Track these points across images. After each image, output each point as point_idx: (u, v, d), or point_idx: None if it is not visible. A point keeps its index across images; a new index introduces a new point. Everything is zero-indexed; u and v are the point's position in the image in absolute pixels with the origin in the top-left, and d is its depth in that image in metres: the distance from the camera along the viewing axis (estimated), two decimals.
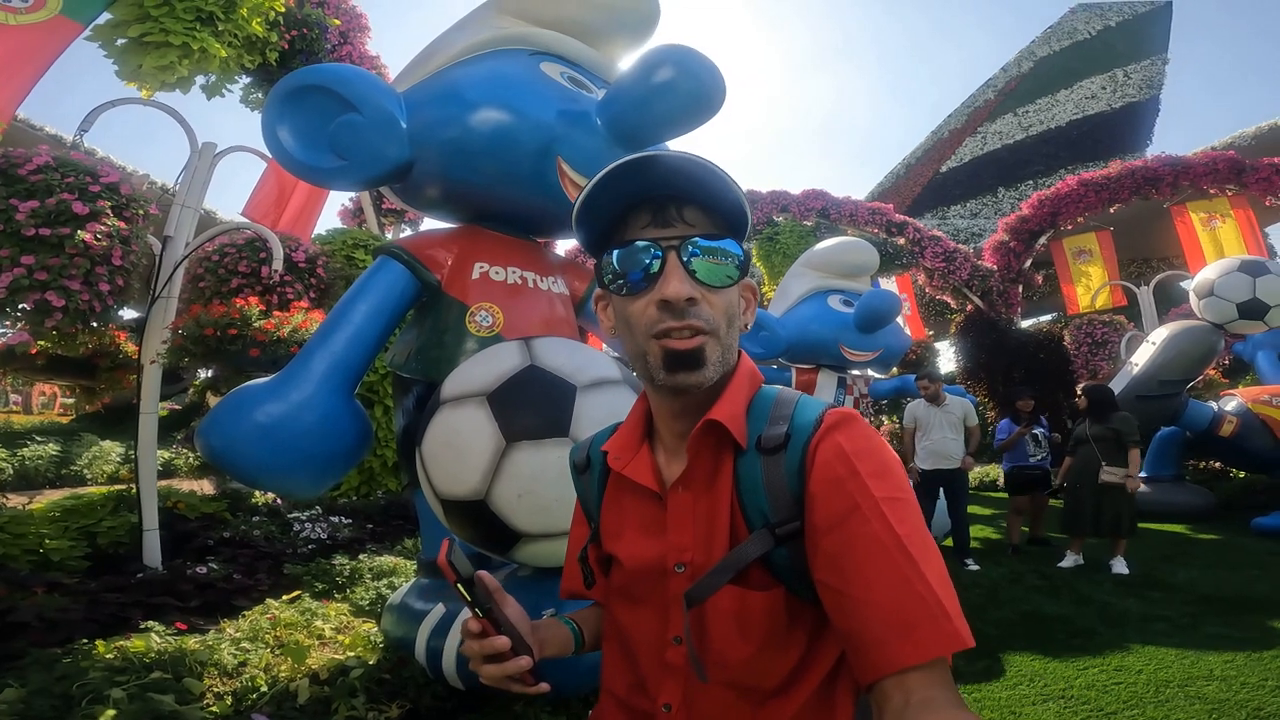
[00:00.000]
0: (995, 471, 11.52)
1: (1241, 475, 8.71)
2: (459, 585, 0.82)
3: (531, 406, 1.99)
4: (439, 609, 2.29)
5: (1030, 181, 21.09)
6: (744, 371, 0.92)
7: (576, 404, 2.00)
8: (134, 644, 2.40)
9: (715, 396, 0.88)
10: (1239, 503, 7.87)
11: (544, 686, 0.87)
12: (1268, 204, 10.42)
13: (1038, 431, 6.75)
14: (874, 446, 0.82)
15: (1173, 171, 10.80)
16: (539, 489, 1.90)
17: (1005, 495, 7.21)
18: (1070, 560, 5.68)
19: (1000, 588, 4.95)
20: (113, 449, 8.82)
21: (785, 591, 0.82)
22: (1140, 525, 6.68)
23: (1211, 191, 10.74)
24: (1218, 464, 9.04)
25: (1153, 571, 5.35)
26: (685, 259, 0.83)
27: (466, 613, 2.06)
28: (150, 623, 2.67)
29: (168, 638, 2.53)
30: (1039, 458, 6.69)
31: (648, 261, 0.83)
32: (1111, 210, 11.47)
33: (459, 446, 1.96)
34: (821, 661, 0.84)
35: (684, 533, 0.87)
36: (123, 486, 4.81)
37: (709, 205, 0.85)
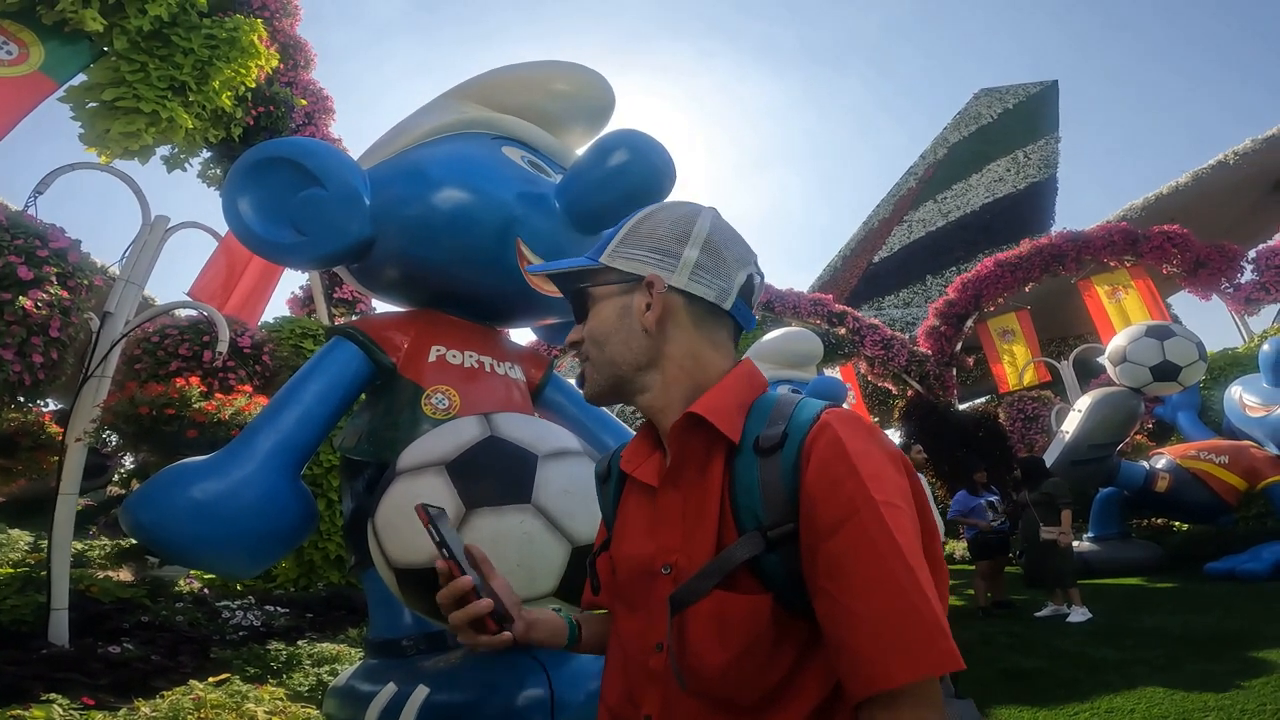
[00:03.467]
0: (952, 545, 11.67)
1: (1185, 528, 9.14)
2: (431, 527, 0.89)
3: (492, 474, 1.97)
4: (389, 689, 2.16)
5: (954, 268, 22.33)
6: (738, 373, 0.94)
7: (538, 472, 2.00)
8: (33, 714, 2.18)
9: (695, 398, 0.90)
10: (1187, 553, 8.27)
11: (506, 636, 0.89)
12: (1164, 272, 11.37)
13: (993, 499, 7.22)
14: (873, 447, 0.81)
15: (1075, 246, 11.76)
16: (498, 556, 1.82)
17: (964, 567, 7.43)
18: (1050, 610, 6.12)
19: (973, 649, 4.99)
20: (20, 538, 8.14)
21: (772, 600, 0.80)
22: (1096, 581, 7.06)
23: (1112, 264, 11.71)
24: (1160, 520, 9.48)
25: (1120, 620, 5.52)
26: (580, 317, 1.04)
27: (422, 691, 2.02)
28: (53, 695, 2.43)
29: (71, 711, 2.31)
30: (998, 524, 7.13)
31: None
32: (1027, 289, 12.34)
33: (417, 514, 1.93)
34: (811, 687, 0.79)
35: (672, 533, 0.87)
36: (30, 569, 4.45)
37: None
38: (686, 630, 0.82)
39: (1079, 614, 5.73)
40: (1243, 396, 8.24)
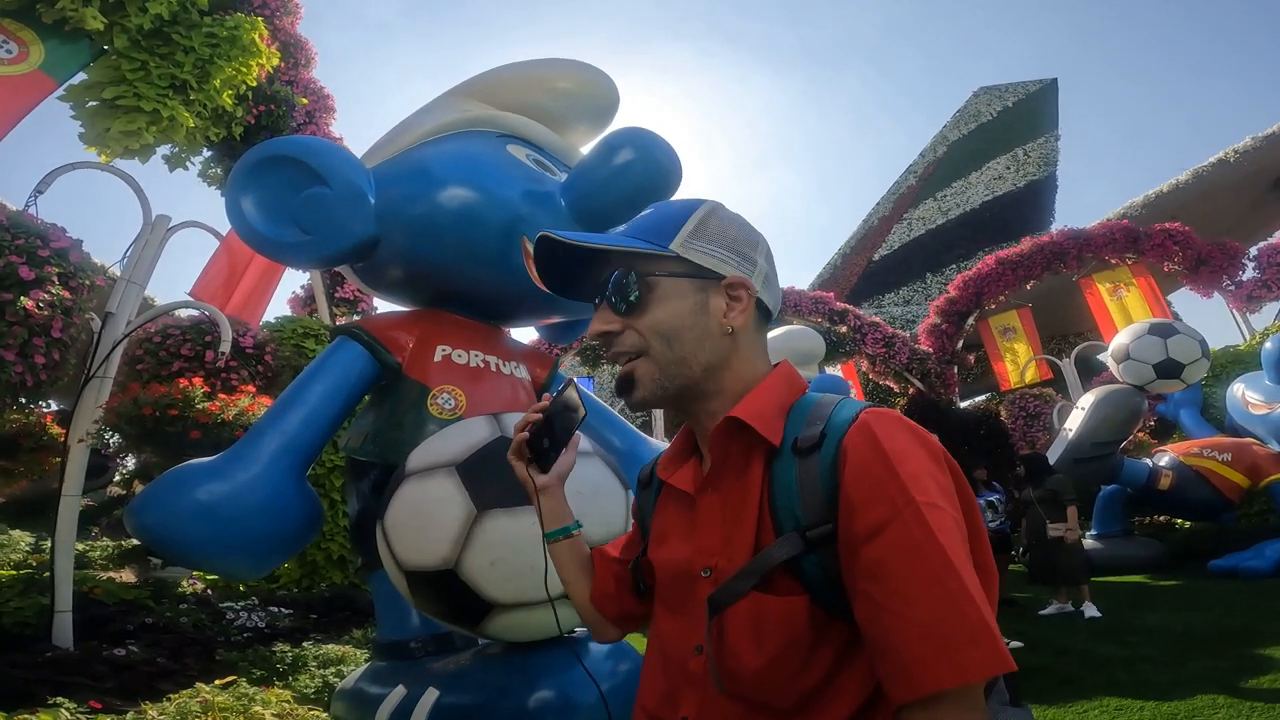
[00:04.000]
0: None
1: (1187, 525, 9.14)
2: (572, 385, 1.09)
3: (504, 475, 1.94)
4: (399, 691, 2.15)
5: (954, 265, 22.32)
6: (778, 375, 0.94)
7: None
8: (40, 718, 2.19)
9: (736, 401, 0.90)
10: (1190, 550, 8.25)
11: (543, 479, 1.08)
12: (1166, 269, 11.35)
13: (994, 498, 7.03)
14: (914, 446, 0.79)
15: (1076, 244, 11.75)
16: (511, 557, 1.85)
17: None
18: (1054, 608, 6.07)
19: None
20: (22, 539, 8.16)
21: (809, 601, 0.79)
22: (1100, 578, 6.96)
23: (1113, 261, 11.69)
24: (1162, 517, 9.49)
25: (1124, 618, 5.51)
26: (605, 300, 0.95)
27: (433, 694, 2.05)
28: (59, 699, 2.43)
29: (79, 715, 2.32)
30: (997, 524, 6.90)
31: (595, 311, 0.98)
32: (1028, 287, 12.32)
33: (428, 515, 1.91)
34: (850, 691, 0.78)
35: (712, 536, 0.87)
36: (32, 570, 4.44)
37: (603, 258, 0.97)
38: (724, 632, 0.82)
39: (1091, 609, 5.72)
40: (1245, 394, 8.23)
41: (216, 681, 2.96)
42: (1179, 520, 9.28)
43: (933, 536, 0.71)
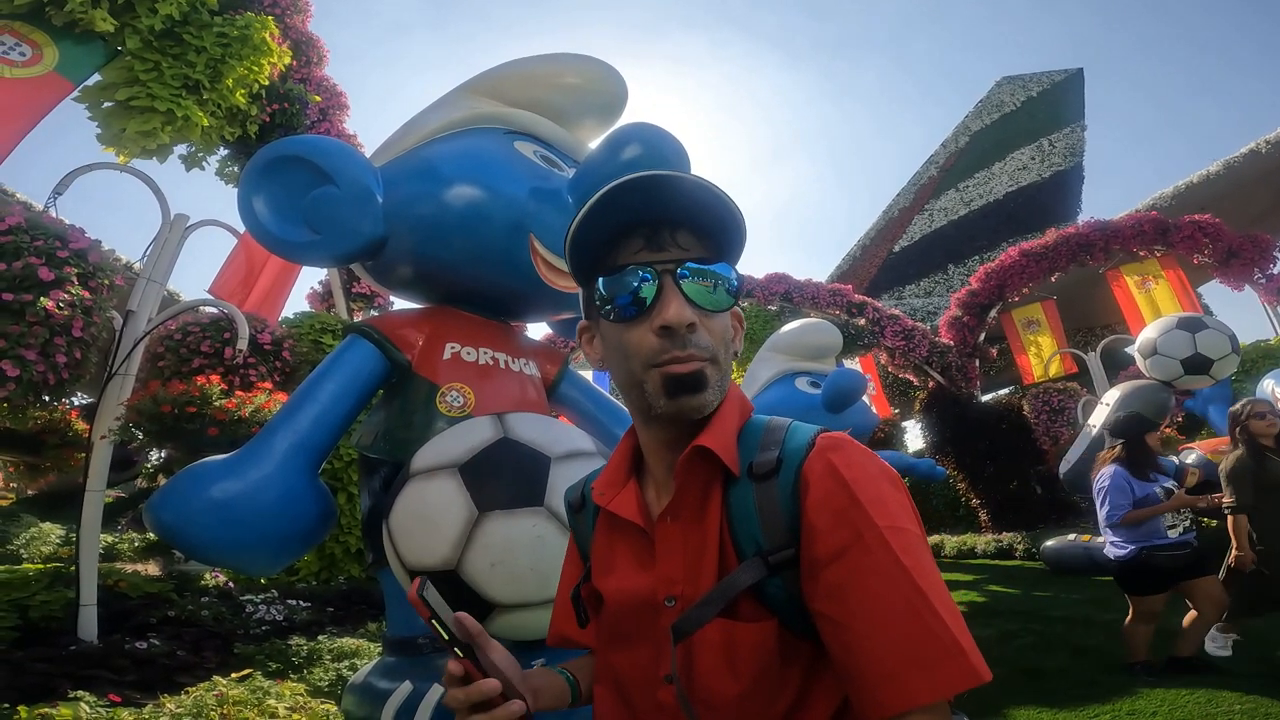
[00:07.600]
0: (973, 540, 11.02)
1: (1214, 524, 8.94)
2: (434, 622, 0.74)
3: (504, 477, 1.97)
4: (405, 687, 2.17)
5: (976, 257, 21.98)
6: (733, 399, 0.91)
7: (551, 474, 1.99)
8: (60, 711, 2.24)
9: (704, 425, 0.87)
10: (1214, 549, 8.05)
11: (517, 707, 0.79)
12: (1195, 262, 11.06)
13: (1169, 484, 4.44)
14: (872, 473, 0.79)
15: (1103, 236, 11.47)
16: (511, 559, 1.86)
17: (986, 562, 7.07)
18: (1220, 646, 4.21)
19: (991, 646, 4.91)
20: (52, 531, 8.42)
21: (778, 625, 0.79)
22: None
23: (1141, 254, 11.40)
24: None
25: None
26: (679, 283, 0.83)
27: (437, 690, 1.97)
28: (80, 692, 2.49)
29: (98, 708, 2.37)
30: (1181, 530, 4.30)
31: (636, 285, 0.83)
32: (1053, 279, 12.07)
33: (429, 517, 1.92)
34: (819, 708, 0.79)
35: (674, 565, 0.85)
36: (60, 564, 4.56)
37: (702, 228, 0.86)
38: (694, 661, 0.81)
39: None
40: (1276, 390, 8.00)
41: (233, 675, 3.02)
42: (1206, 519, 9.07)
43: (896, 559, 0.72)
